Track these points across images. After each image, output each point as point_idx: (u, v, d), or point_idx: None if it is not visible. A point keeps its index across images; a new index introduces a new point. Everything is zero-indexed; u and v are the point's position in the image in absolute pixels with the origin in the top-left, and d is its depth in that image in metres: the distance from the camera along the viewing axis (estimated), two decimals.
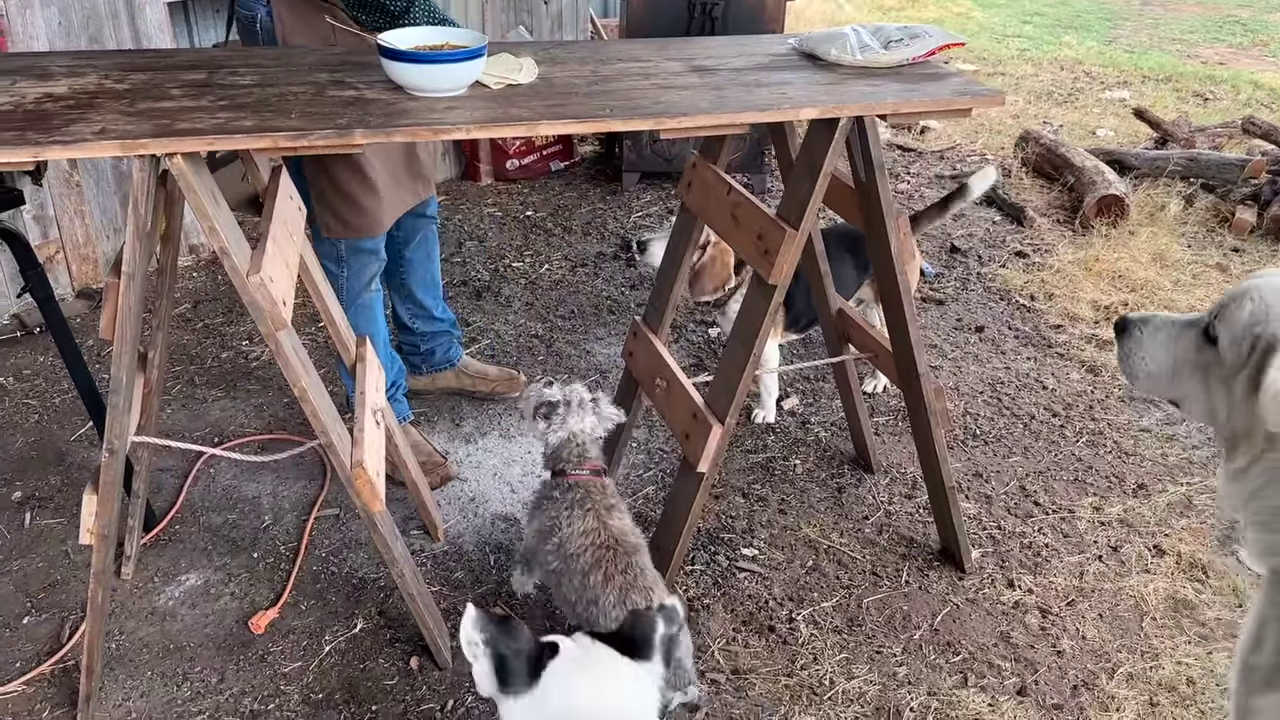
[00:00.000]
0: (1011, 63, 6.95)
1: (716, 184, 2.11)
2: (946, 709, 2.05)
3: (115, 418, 1.77)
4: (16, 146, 1.50)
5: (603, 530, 1.95)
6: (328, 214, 2.37)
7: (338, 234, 2.39)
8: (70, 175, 3.44)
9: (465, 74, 1.77)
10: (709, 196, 2.13)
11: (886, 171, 2.00)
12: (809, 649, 2.18)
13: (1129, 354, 1.51)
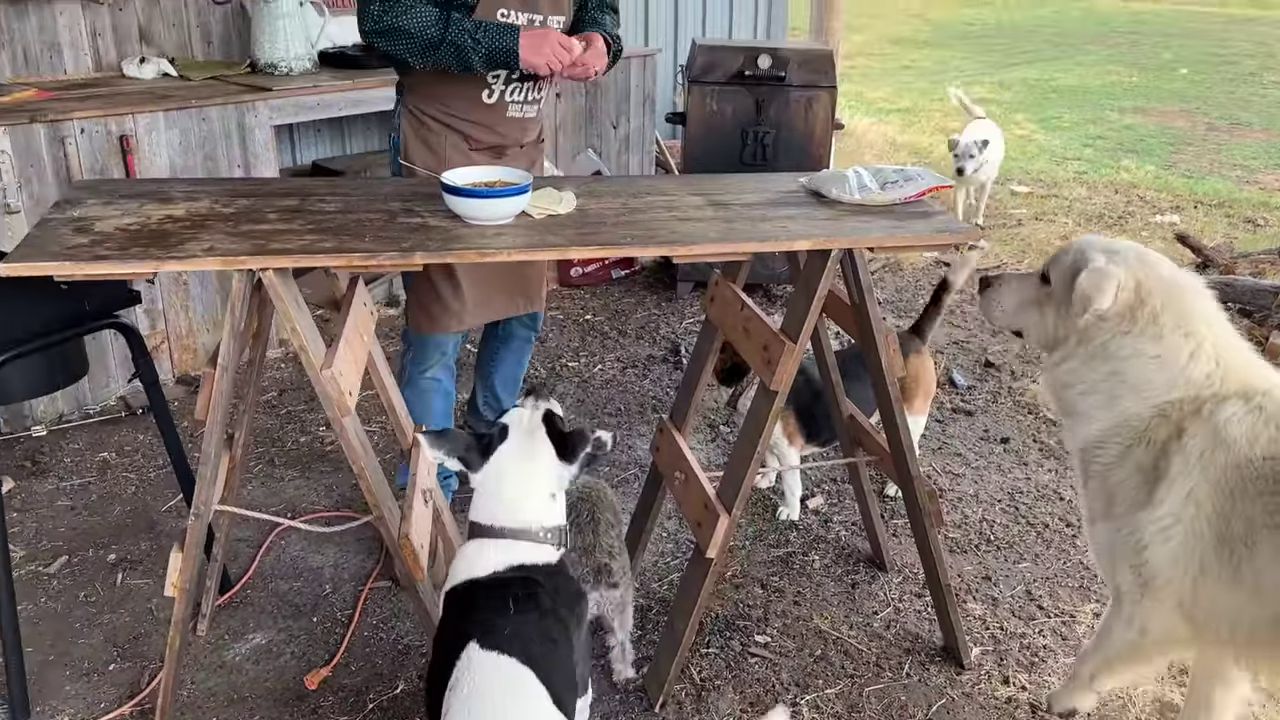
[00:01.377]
0: (1067, 185, 7.17)
1: (733, 300, 2.38)
2: None
3: (203, 486, 2.08)
4: (142, 260, 1.85)
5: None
6: (410, 305, 2.73)
7: (411, 324, 2.75)
8: (179, 275, 3.87)
9: (511, 207, 2.09)
10: (727, 311, 2.40)
11: (875, 294, 2.25)
12: None
13: (990, 301, 2.19)
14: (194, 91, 3.90)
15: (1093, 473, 1.97)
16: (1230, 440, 1.78)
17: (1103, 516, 1.96)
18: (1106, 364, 1.92)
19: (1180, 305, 1.90)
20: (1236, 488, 1.76)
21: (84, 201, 2.14)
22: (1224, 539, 1.77)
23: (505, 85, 2.59)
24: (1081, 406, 1.98)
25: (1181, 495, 1.80)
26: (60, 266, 1.83)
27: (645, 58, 5.35)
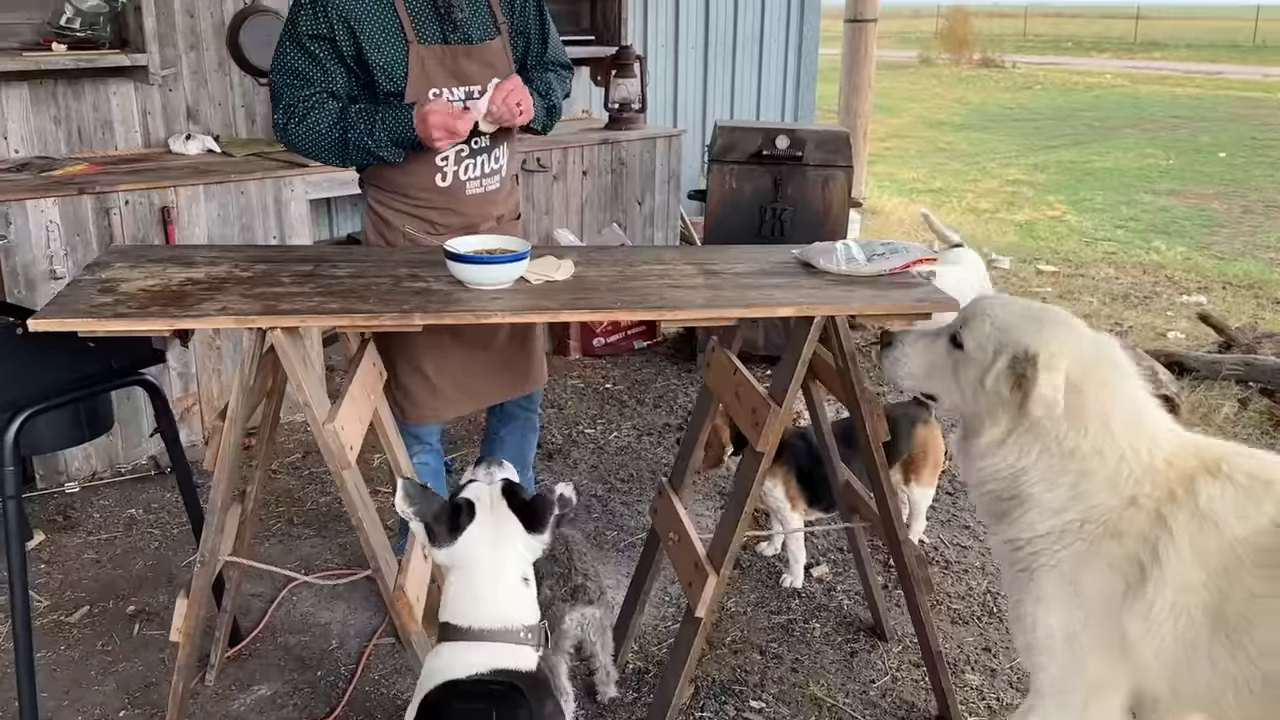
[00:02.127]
0: (1095, 265, 7.21)
1: (727, 366, 2.46)
2: None
3: (209, 535, 2.18)
4: (159, 318, 1.99)
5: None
6: (391, 390, 2.65)
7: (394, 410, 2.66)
8: (213, 340, 4.03)
9: (509, 273, 2.20)
10: (721, 376, 2.48)
11: (859, 360, 2.32)
12: None
13: (894, 361, 2.04)
14: (235, 166, 4.11)
15: (1040, 565, 1.85)
16: (1218, 520, 1.73)
17: (1063, 607, 1.82)
18: (1062, 456, 1.82)
19: (1117, 386, 1.84)
20: (1231, 564, 1.70)
21: (113, 265, 2.29)
22: (1220, 619, 1.70)
23: (456, 165, 2.56)
24: (1039, 498, 1.85)
25: (1175, 587, 1.72)
26: (83, 323, 1.96)
27: (670, 138, 5.52)
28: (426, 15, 2.46)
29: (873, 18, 7.48)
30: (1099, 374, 1.82)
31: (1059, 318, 1.89)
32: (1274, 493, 1.72)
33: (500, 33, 2.61)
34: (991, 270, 6.96)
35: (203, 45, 4.42)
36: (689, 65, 6.61)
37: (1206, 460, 1.79)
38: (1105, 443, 1.79)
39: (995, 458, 1.87)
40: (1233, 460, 1.80)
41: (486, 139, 2.60)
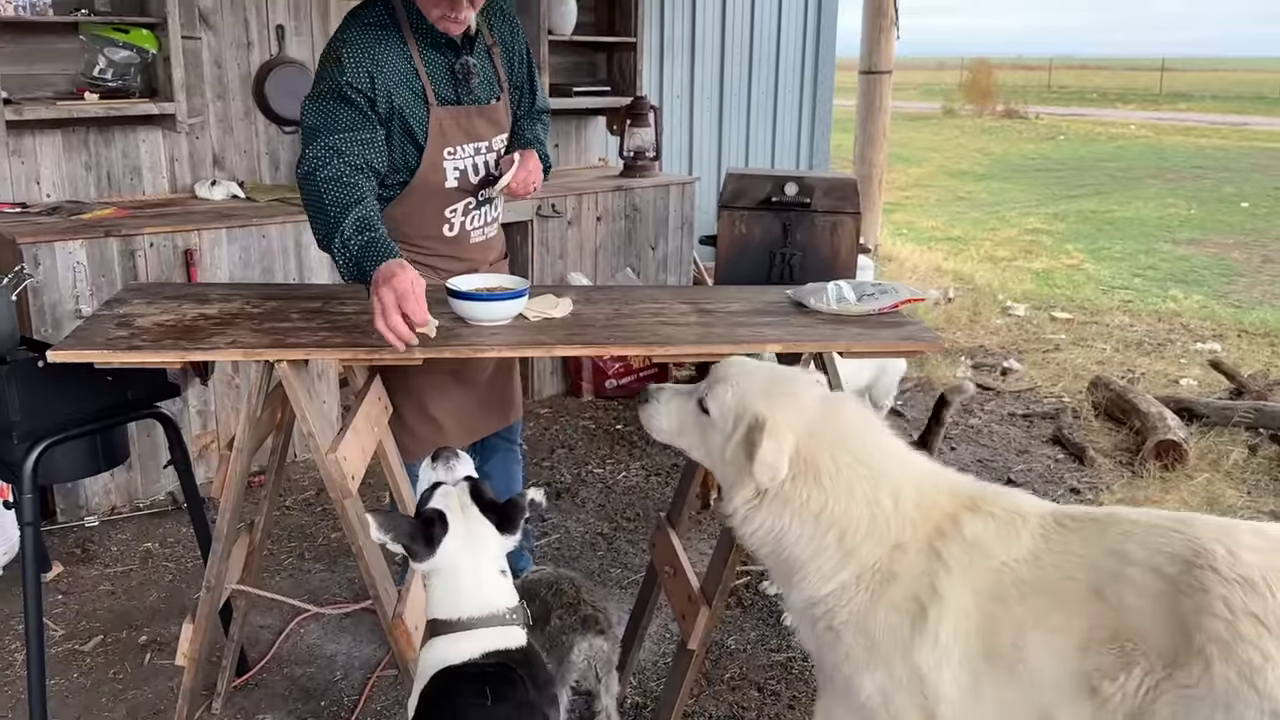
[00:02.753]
0: (1110, 313, 7.22)
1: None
2: None
3: (214, 561, 2.26)
4: (170, 350, 2.08)
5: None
6: (396, 432, 2.73)
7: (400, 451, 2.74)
8: (232, 378, 4.14)
9: (507, 310, 2.28)
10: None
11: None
12: None
13: (648, 416, 2.09)
14: (257, 211, 4.24)
15: (840, 623, 1.86)
16: (986, 546, 1.79)
17: (867, 666, 1.84)
18: (812, 515, 1.85)
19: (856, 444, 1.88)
20: (999, 591, 1.75)
21: (130, 301, 2.40)
22: (993, 645, 1.75)
23: (464, 216, 2.70)
24: (811, 564, 1.87)
25: (954, 612, 1.77)
26: (99, 354, 2.05)
27: (684, 185, 5.63)
28: (444, 79, 2.58)
29: (887, 69, 7.60)
30: (832, 436, 1.87)
31: (790, 386, 1.94)
32: (1029, 525, 1.79)
33: (503, 91, 2.74)
34: (1006, 317, 7.01)
35: (229, 95, 4.58)
36: (704, 116, 6.75)
37: (963, 499, 1.86)
38: (851, 499, 1.84)
39: (753, 522, 1.90)
40: (988, 497, 1.87)
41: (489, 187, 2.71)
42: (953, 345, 6.29)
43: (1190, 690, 1.57)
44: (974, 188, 14.85)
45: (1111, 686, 1.64)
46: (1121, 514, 1.79)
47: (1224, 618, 1.56)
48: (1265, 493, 4.21)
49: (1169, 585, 1.63)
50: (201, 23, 4.44)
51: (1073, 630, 1.69)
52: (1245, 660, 1.53)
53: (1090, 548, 1.73)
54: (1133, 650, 1.64)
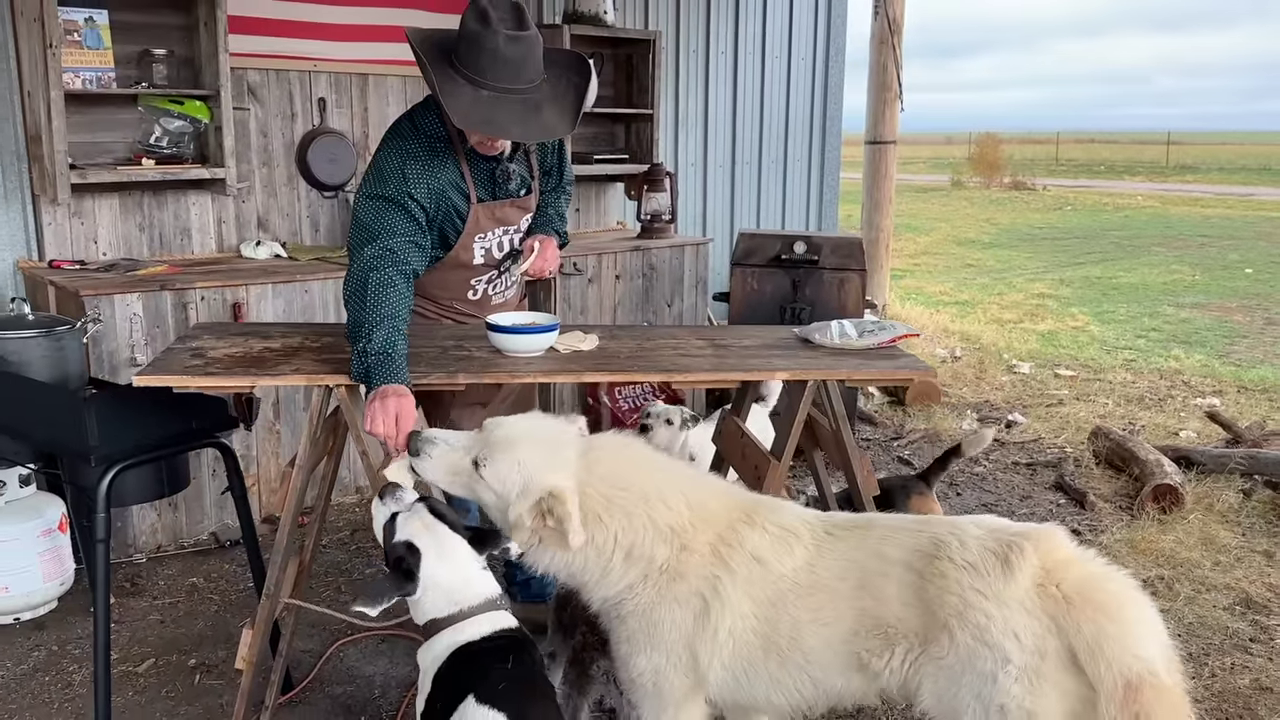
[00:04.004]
0: (1113, 371, 7.43)
1: (736, 432, 2.76)
2: None
3: (273, 571, 2.48)
4: (242, 377, 2.33)
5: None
6: None
7: None
8: (273, 424, 4.39)
9: (542, 341, 2.54)
10: (731, 440, 2.77)
11: (848, 421, 2.60)
12: None
13: (422, 465, 2.18)
14: (299, 269, 4.53)
15: (627, 612, 2.14)
16: (766, 559, 2.08)
17: (646, 647, 2.13)
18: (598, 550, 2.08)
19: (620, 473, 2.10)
20: (777, 599, 2.06)
21: (201, 337, 2.66)
22: (773, 640, 2.07)
23: (487, 284, 3.00)
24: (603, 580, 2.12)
25: (734, 615, 2.07)
26: (179, 379, 2.31)
27: (698, 246, 5.92)
28: (485, 181, 2.86)
29: (891, 139, 7.95)
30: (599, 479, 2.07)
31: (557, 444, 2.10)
32: (801, 539, 2.10)
33: (534, 181, 3.03)
34: (1011, 374, 7.22)
35: (274, 162, 4.91)
36: (717, 182, 7.07)
37: (738, 511, 2.14)
38: (630, 522, 2.07)
39: (542, 558, 2.11)
40: (761, 510, 2.15)
41: (511, 261, 2.98)
42: (959, 400, 6.50)
43: (943, 660, 1.95)
44: (981, 255, 15.15)
45: (879, 663, 2.01)
46: (879, 520, 2.16)
47: (957, 595, 1.93)
48: (1258, 534, 4.38)
49: (918, 576, 1.99)
50: (250, 95, 4.79)
51: (844, 621, 2.04)
52: (975, 624, 1.91)
53: (856, 551, 2.07)
54: (894, 633, 2.00)
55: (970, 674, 1.91)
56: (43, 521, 3.48)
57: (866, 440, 5.68)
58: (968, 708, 1.92)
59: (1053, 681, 1.87)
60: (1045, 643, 1.87)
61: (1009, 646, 1.88)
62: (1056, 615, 1.88)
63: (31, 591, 3.48)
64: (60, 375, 3.22)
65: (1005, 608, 1.90)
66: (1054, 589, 1.90)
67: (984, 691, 1.90)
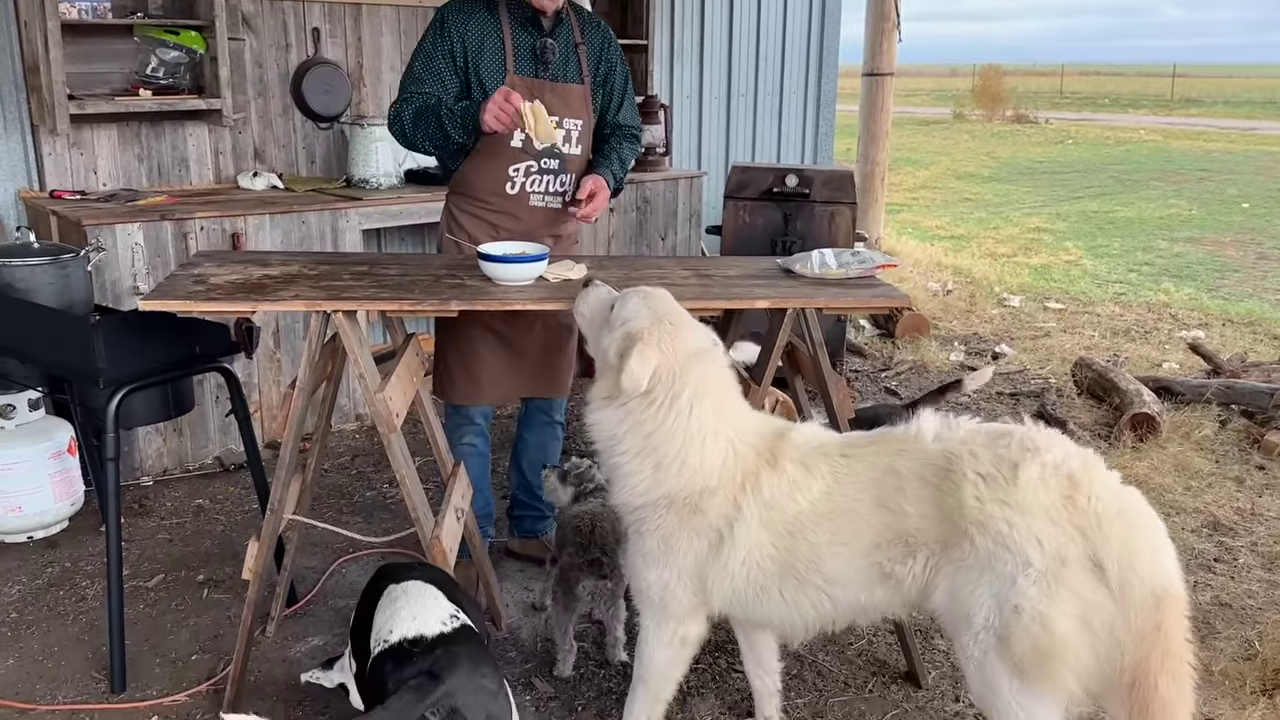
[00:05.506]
0: (1102, 304, 7.52)
1: None
2: None
3: (277, 488, 2.60)
4: (243, 302, 2.42)
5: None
6: (435, 373, 3.22)
7: (438, 393, 3.22)
8: (274, 353, 4.49)
9: (530, 271, 2.63)
10: None
11: (825, 348, 2.71)
12: None
13: (582, 298, 2.47)
14: (296, 200, 4.60)
15: (647, 530, 2.31)
16: (779, 505, 2.22)
17: (658, 563, 2.31)
18: (642, 435, 2.24)
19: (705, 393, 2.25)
20: (795, 529, 2.21)
21: (202, 264, 2.75)
22: (790, 565, 2.22)
23: (525, 177, 3.06)
24: (628, 477, 2.29)
25: (745, 549, 2.23)
26: (183, 304, 2.40)
27: (692, 179, 5.98)
28: (526, 55, 3.03)
29: (889, 71, 7.92)
30: (690, 381, 2.23)
31: (683, 324, 2.30)
32: (817, 475, 2.21)
33: (583, 83, 3.12)
34: (1001, 307, 7.32)
35: (269, 93, 4.94)
36: (712, 115, 7.09)
37: (766, 454, 2.26)
38: (672, 439, 2.23)
39: (599, 416, 2.32)
40: (788, 449, 2.27)
41: (556, 163, 3.06)
42: (948, 332, 6.61)
43: (963, 560, 2.07)
44: (980, 189, 15.15)
45: (902, 570, 2.15)
46: (891, 435, 2.26)
47: (976, 505, 2.05)
48: (1231, 461, 4.52)
49: (934, 489, 2.12)
50: (244, 25, 4.81)
51: (864, 538, 2.17)
52: (996, 531, 2.03)
53: (872, 470, 2.20)
54: (914, 543, 2.13)
55: (990, 575, 2.03)
56: (52, 444, 3.60)
57: (856, 371, 5.79)
58: (982, 606, 2.04)
59: (1070, 587, 1.98)
60: (1067, 550, 1.98)
61: (1030, 551, 1.99)
62: (1085, 527, 1.98)
63: (43, 511, 3.62)
64: (67, 303, 3.31)
65: (1028, 515, 2.00)
66: (1084, 501, 2.00)
67: (1001, 592, 2.01)
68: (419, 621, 2.14)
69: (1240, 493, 4.20)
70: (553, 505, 3.64)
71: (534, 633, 3.18)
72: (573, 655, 2.97)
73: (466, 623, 2.21)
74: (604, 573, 2.91)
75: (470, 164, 3.06)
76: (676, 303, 2.36)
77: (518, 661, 3.03)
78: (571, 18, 3.11)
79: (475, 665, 2.07)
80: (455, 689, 1.98)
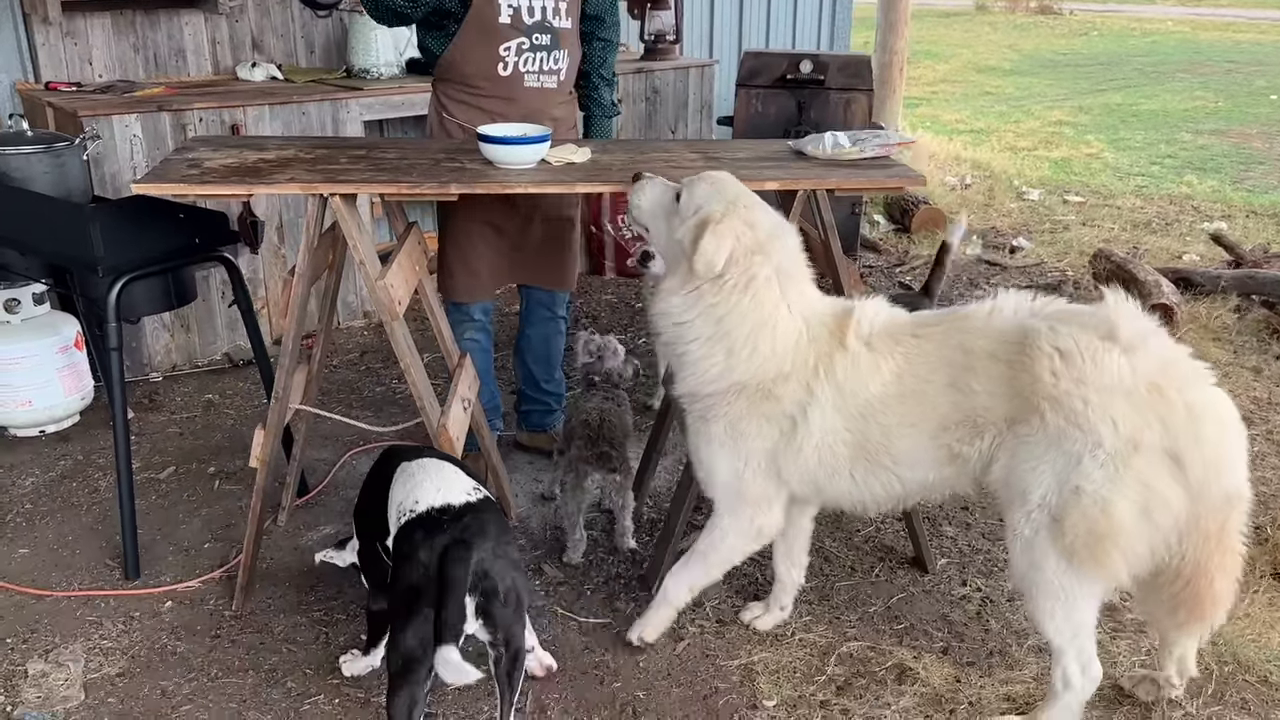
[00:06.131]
0: (1123, 197, 7.36)
1: None
2: (878, 656, 2.55)
3: (281, 375, 2.58)
4: (237, 186, 2.37)
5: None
6: (439, 273, 3.16)
7: (440, 290, 3.16)
8: (278, 248, 4.44)
9: (532, 153, 2.55)
10: None
11: (836, 230, 2.64)
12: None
13: (638, 190, 2.37)
14: (296, 90, 4.49)
15: (714, 416, 2.27)
16: (851, 389, 2.18)
17: (729, 451, 2.28)
18: (714, 320, 2.19)
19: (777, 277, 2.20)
20: (867, 411, 2.17)
21: (197, 149, 2.68)
22: (861, 447, 2.20)
23: (517, 56, 2.93)
24: (698, 364, 2.24)
25: (820, 433, 2.20)
26: (177, 187, 2.35)
27: (703, 68, 5.80)
28: None
29: None
30: (766, 263, 2.18)
31: (756, 204, 2.23)
32: (888, 353, 2.18)
33: None
34: (1020, 201, 7.17)
35: None
36: (725, 0, 6.86)
37: (838, 336, 2.21)
38: (745, 322, 2.18)
39: (668, 304, 2.25)
40: (861, 329, 2.21)
41: (548, 39, 2.94)
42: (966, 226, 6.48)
43: (1029, 436, 2.03)
44: (1001, 83, 14.73)
45: (970, 449, 2.12)
46: (964, 313, 2.20)
47: (1049, 380, 1.99)
48: (1249, 351, 4.45)
49: (1007, 366, 2.06)
50: None
51: (933, 419, 2.14)
52: (1070, 408, 1.98)
53: (943, 349, 2.15)
54: (982, 422, 2.09)
55: (1055, 452, 1.99)
56: (59, 339, 3.59)
57: (870, 267, 5.71)
58: (1041, 484, 2.01)
59: (1138, 473, 1.93)
60: (1142, 436, 1.93)
61: (1104, 431, 1.94)
62: (1168, 419, 1.92)
63: (54, 405, 3.62)
64: (64, 192, 3.25)
65: (1106, 395, 1.94)
66: (1173, 394, 1.94)
67: (1064, 471, 1.98)
68: (443, 493, 2.16)
69: (1257, 382, 4.15)
70: (560, 399, 3.64)
71: (543, 521, 3.20)
72: (583, 544, 2.99)
73: (488, 495, 2.24)
74: (613, 465, 2.90)
75: (457, 46, 2.93)
76: (743, 185, 2.29)
77: (528, 548, 3.04)
78: None
79: (502, 533, 2.12)
80: (485, 555, 2.03)
